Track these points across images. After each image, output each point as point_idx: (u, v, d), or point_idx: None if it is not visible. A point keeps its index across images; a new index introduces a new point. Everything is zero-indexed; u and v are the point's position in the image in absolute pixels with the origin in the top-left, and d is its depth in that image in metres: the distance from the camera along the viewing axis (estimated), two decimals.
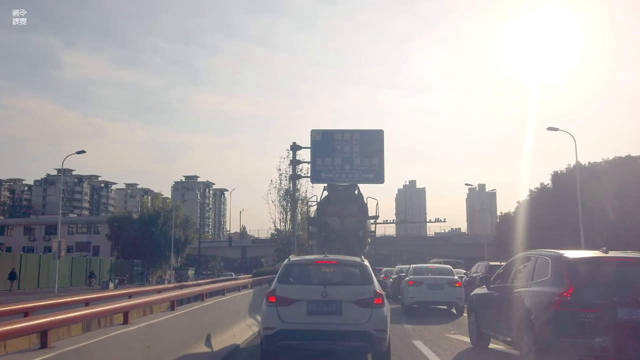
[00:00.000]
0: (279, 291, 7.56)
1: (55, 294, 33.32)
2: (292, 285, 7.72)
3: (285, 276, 7.88)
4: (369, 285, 7.56)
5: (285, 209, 34.24)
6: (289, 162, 29.34)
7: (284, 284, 7.70)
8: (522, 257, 8.46)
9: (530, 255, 8.07)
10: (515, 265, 8.56)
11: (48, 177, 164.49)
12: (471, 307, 10.09)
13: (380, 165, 25.15)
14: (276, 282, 7.85)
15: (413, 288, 17.09)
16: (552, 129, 29.98)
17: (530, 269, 7.67)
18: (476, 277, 18.99)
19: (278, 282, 7.79)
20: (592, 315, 6.21)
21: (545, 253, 7.56)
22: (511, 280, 8.28)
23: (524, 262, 8.23)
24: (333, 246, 18.70)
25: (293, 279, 7.89)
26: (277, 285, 7.69)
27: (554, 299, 6.51)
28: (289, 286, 7.67)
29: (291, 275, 7.96)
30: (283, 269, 8.06)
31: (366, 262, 8.26)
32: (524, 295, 7.35)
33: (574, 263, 6.93)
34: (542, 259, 7.43)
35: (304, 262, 8.66)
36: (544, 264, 7.27)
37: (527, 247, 36.98)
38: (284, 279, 7.82)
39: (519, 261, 8.46)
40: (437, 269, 19.03)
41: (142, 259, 61.94)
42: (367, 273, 7.83)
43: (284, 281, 7.77)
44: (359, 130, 25.91)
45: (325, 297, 7.31)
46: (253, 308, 11.73)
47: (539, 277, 7.21)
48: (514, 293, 7.77)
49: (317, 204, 20.30)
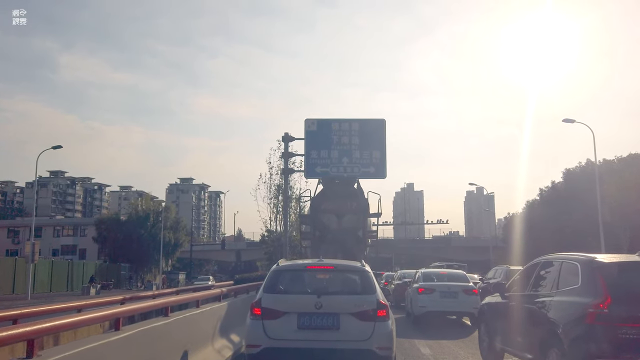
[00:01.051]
0: (265, 302, 6.74)
1: (27, 301, 30.88)
2: (280, 294, 6.91)
3: (272, 284, 7.03)
4: (371, 295, 6.74)
5: (276, 207, 31.25)
6: (280, 155, 26.74)
7: (271, 294, 6.86)
8: (543, 262, 7.54)
9: (554, 260, 7.23)
10: (534, 270, 7.61)
11: (40, 179, 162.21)
12: (482, 318, 9.23)
13: (382, 158, 22.73)
14: (262, 291, 6.96)
15: (424, 296, 14.86)
16: (569, 121, 27.99)
17: (554, 275, 6.93)
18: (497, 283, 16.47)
19: (264, 291, 6.92)
20: (635, 330, 5.43)
21: (573, 257, 6.75)
22: (530, 288, 7.43)
23: (545, 267, 7.38)
24: (329, 248, 15.99)
25: (282, 288, 7.07)
26: (263, 295, 6.83)
27: (587, 312, 5.74)
28: (277, 296, 6.86)
29: (280, 283, 7.13)
30: (270, 276, 7.20)
31: (367, 267, 7.35)
32: (548, 305, 6.58)
33: (610, 269, 6.14)
34: (569, 265, 6.64)
35: (295, 267, 7.75)
36: (571, 270, 6.51)
37: (540, 249, 34.79)
38: (271, 288, 6.97)
39: (540, 266, 7.53)
40: (449, 274, 16.64)
41: (130, 263, 59.45)
42: (369, 280, 7.00)
43: (271, 290, 6.93)
44: (359, 119, 23.50)
45: (320, 308, 6.54)
46: (227, 325, 9.20)
47: (566, 284, 6.47)
48: (535, 303, 6.95)
49: (311, 199, 17.43)
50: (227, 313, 9.26)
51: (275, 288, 6.99)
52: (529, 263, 8.19)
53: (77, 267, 47.64)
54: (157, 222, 59.68)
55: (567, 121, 27.86)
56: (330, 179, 18.82)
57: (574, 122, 27.74)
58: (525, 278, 7.85)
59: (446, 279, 15.89)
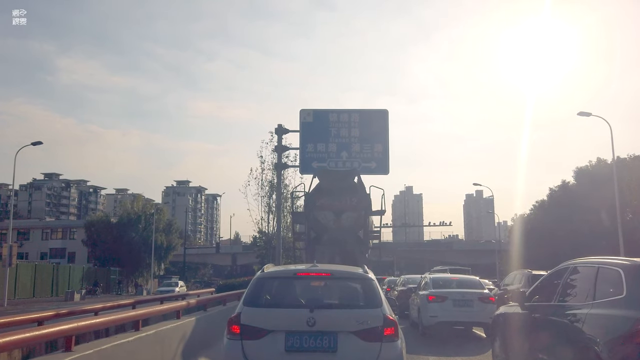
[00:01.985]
0: (245, 317, 5.56)
1: (4, 307, 28.86)
2: (264, 308, 5.75)
3: (255, 295, 5.84)
4: (377, 308, 5.60)
5: (269, 206, 28.70)
6: (273, 148, 24.64)
7: (253, 307, 5.68)
8: (572, 267, 6.64)
9: (586, 265, 6.35)
10: (562, 277, 6.66)
11: (34, 182, 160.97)
12: (496, 331, 8.34)
13: (385, 152, 20.92)
14: (242, 303, 5.75)
15: (435, 305, 12.99)
16: (584, 114, 26.20)
17: (588, 283, 6.03)
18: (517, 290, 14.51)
19: (245, 303, 5.73)
20: None
21: (612, 262, 5.90)
22: (558, 297, 6.51)
23: (575, 273, 6.49)
24: (325, 250, 13.85)
25: (266, 300, 5.90)
26: (243, 309, 5.64)
27: (636, 328, 4.80)
28: (261, 310, 5.68)
29: (264, 294, 5.93)
30: (252, 285, 5.95)
31: (371, 273, 6.13)
32: (583, 319, 5.68)
33: None
34: (609, 271, 5.76)
35: (283, 274, 6.41)
36: (611, 277, 5.62)
37: (552, 252, 33.11)
38: (253, 300, 5.78)
39: (569, 272, 6.62)
40: (461, 280, 14.73)
41: (121, 267, 57.40)
42: (373, 290, 5.87)
43: (253, 302, 5.75)
44: (359, 110, 21.68)
45: (313, 326, 5.41)
46: (191, 352, 7.17)
47: (606, 295, 5.58)
48: (565, 316, 6.07)
49: (305, 195, 15.20)
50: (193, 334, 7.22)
51: (259, 300, 5.79)
52: (555, 268, 7.14)
53: (63, 271, 45.46)
54: (149, 224, 57.71)
55: (583, 114, 26.16)
56: (327, 171, 16.75)
57: (590, 116, 26.01)
58: (551, 286, 6.85)
59: (458, 285, 13.99)
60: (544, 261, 30.67)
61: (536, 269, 19.80)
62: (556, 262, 25.75)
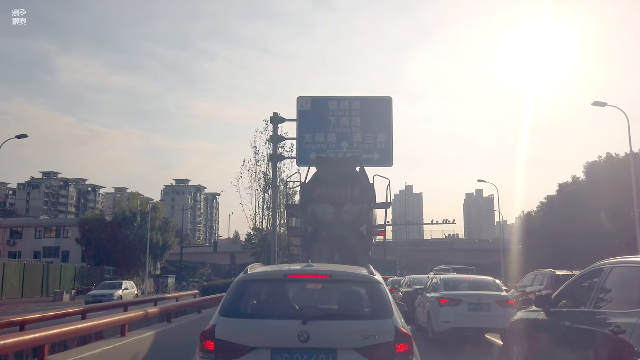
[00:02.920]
0: (221, 331, 4.27)
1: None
2: (246, 320, 4.46)
3: (234, 303, 4.59)
4: (386, 320, 4.35)
5: (264, 200, 26.74)
6: (268, 139, 23.10)
7: (231, 318, 4.40)
8: (610, 268, 5.63)
9: (630, 265, 5.38)
10: (598, 280, 5.70)
11: (32, 181, 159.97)
12: (515, 339, 7.60)
13: (388, 142, 19.52)
14: (218, 313, 4.46)
15: (448, 309, 11.55)
16: (600, 104, 24.79)
17: (631, 287, 5.06)
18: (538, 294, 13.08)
19: (222, 313, 4.44)
20: None
21: None
22: (594, 303, 5.53)
23: (614, 275, 5.46)
24: (324, 248, 12.31)
25: (249, 309, 4.67)
26: (220, 321, 4.36)
27: None
28: (241, 322, 4.40)
29: (246, 302, 4.71)
30: (232, 291, 4.70)
31: (378, 275, 4.92)
32: (630, 330, 4.54)
33: None
34: None
35: (270, 276, 5.14)
36: None
37: (563, 250, 31.82)
38: (232, 309, 4.50)
39: (605, 274, 5.62)
40: (476, 281, 13.29)
41: (116, 266, 55.94)
42: (382, 296, 4.60)
43: (232, 312, 4.47)
44: (360, 97, 20.28)
45: (307, 341, 4.18)
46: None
47: None
48: (604, 325, 5.06)
49: (301, 185, 13.56)
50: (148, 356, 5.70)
51: (239, 309, 4.63)
52: (587, 269, 6.30)
53: (54, 271, 44.01)
54: (145, 222, 56.27)
55: (598, 104, 24.80)
56: (325, 158, 15.22)
57: (606, 106, 24.62)
58: (582, 289, 6.08)
59: (472, 287, 12.54)
60: (553, 260, 29.35)
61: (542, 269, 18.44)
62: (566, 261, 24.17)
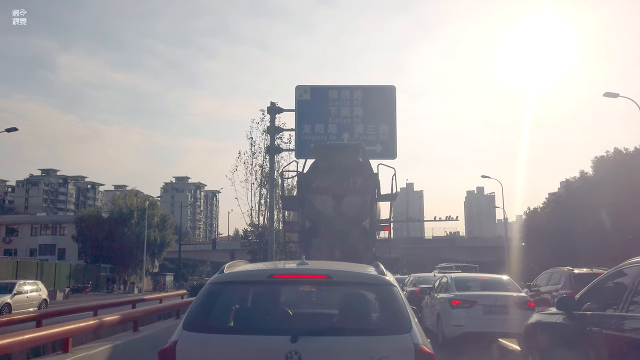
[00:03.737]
0: (184, 350, 3.23)
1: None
2: (217, 336, 3.34)
3: (203, 313, 3.48)
4: (403, 334, 3.30)
5: (259, 193, 24.59)
6: (265, 129, 22.01)
7: (198, 333, 3.31)
8: None
9: None
10: (629, 280, 5.10)
11: (31, 178, 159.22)
12: (532, 344, 6.90)
13: (392, 134, 18.54)
14: (181, 326, 3.35)
15: (461, 311, 10.46)
16: (611, 95, 23.80)
17: None
18: (556, 294, 12.09)
19: (186, 326, 3.34)
20: None
21: None
22: (626, 306, 4.94)
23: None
24: (323, 244, 11.25)
25: (222, 320, 3.54)
26: (183, 336, 3.30)
27: None
28: (211, 338, 3.31)
29: (219, 311, 3.55)
30: (202, 297, 3.58)
31: (390, 275, 3.77)
32: None
33: None
34: None
35: (251, 277, 3.87)
36: None
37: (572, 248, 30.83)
38: (199, 320, 3.40)
39: (636, 274, 5.00)
40: (490, 280, 12.19)
41: (112, 264, 54.99)
42: (396, 302, 3.51)
43: (199, 325, 3.36)
44: (362, 86, 19.28)
45: None
46: None
47: None
48: None
49: (298, 175, 12.44)
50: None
51: (208, 321, 3.50)
52: (616, 268, 5.74)
53: (48, 269, 42.96)
54: (143, 219, 55.28)
55: (610, 95, 23.79)
56: (325, 145, 14.16)
57: (618, 97, 23.64)
58: (611, 290, 5.59)
59: (486, 286, 11.49)
60: (560, 258, 28.40)
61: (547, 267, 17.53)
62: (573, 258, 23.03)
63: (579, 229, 28.78)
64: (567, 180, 36.61)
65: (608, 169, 31.44)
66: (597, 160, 33.62)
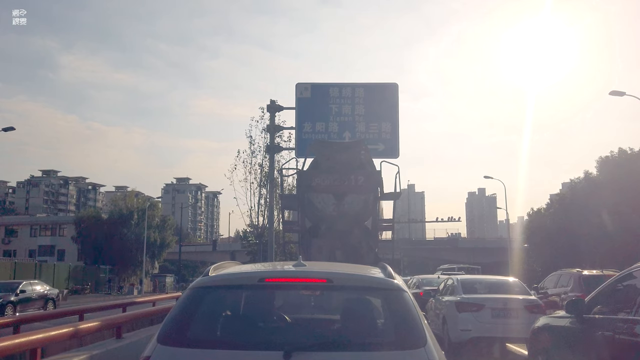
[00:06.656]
0: None
1: None
2: (197, 351, 2.77)
3: (182, 323, 2.93)
4: (417, 349, 2.75)
5: (259, 192, 24.12)
6: (264, 128, 21.63)
7: (175, 347, 2.78)
8: None
9: None
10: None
11: (31, 179, 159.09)
12: (538, 349, 6.65)
13: (394, 132, 18.13)
14: (156, 339, 2.83)
15: (468, 315, 9.99)
16: (618, 94, 23.39)
17: None
18: (565, 297, 11.68)
19: (161, 339, 2.81)
20: None
21: None
22: (637, 309, 4.79)
23: None
24: (323, 245, 10.82)
25: (204, 332, 2.99)
26: (157, 350, 2.77)
27: None
28: (190, 353, 2.76)
29: (200, 321, 3.00)
30: (182, 303, 3.06)
31: (399, 279, 3.27)
32: None
33: None
34: None
35: (239, 281, 3.30)
36: None
37: (574, 250, 30.52)
38: (177, 332, 2.87)
39: None
40: (499, 282, 11.74)
41: (112, 265, 54.59)
42: (409, 311, 2.98)
43: (177, 338, 2.84)
44: (364, 84, 18.88)
45: None
46: None
47: None
48: None
49: (298, 173, 11.99)
50: None
51: (187, 333, 2.93)
52: (628, 270, 5.51)
53: (47, 270, 42.58)
54: (142, 220, 54.98)
55: (616, 94, 23.44)
56: (325, 142, 13.71)
57: (624, 95, 23.29)
58: (623, 294, 5.53)
59: (493, 288, 11.05)
60: (564, 259, 28.04)
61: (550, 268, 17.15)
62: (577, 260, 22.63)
63: (584, 230, 28.36)
64: (571, 181, 36.24)
65: (613, 169, 31.02)
66: (602, 161, 33.20)
